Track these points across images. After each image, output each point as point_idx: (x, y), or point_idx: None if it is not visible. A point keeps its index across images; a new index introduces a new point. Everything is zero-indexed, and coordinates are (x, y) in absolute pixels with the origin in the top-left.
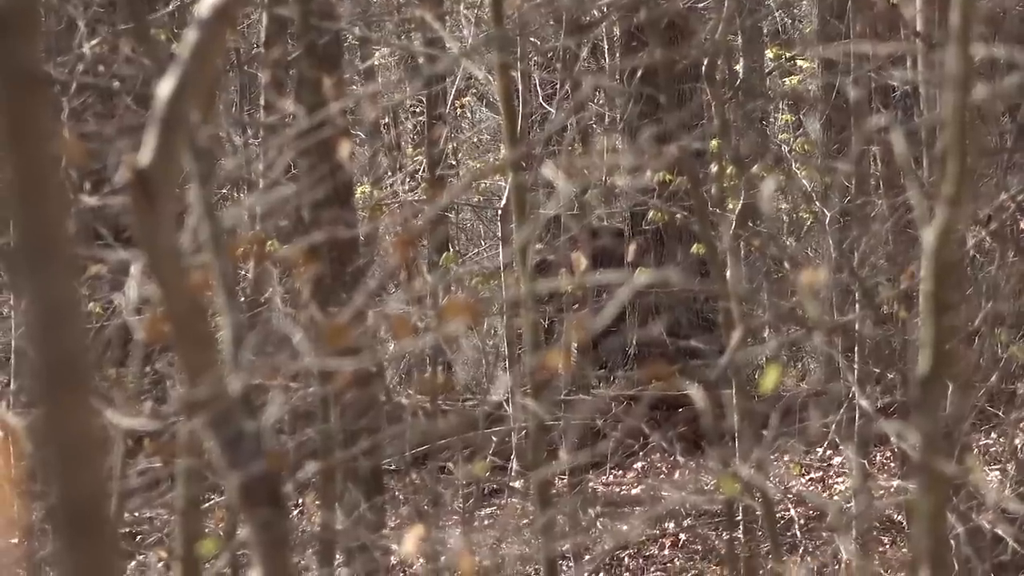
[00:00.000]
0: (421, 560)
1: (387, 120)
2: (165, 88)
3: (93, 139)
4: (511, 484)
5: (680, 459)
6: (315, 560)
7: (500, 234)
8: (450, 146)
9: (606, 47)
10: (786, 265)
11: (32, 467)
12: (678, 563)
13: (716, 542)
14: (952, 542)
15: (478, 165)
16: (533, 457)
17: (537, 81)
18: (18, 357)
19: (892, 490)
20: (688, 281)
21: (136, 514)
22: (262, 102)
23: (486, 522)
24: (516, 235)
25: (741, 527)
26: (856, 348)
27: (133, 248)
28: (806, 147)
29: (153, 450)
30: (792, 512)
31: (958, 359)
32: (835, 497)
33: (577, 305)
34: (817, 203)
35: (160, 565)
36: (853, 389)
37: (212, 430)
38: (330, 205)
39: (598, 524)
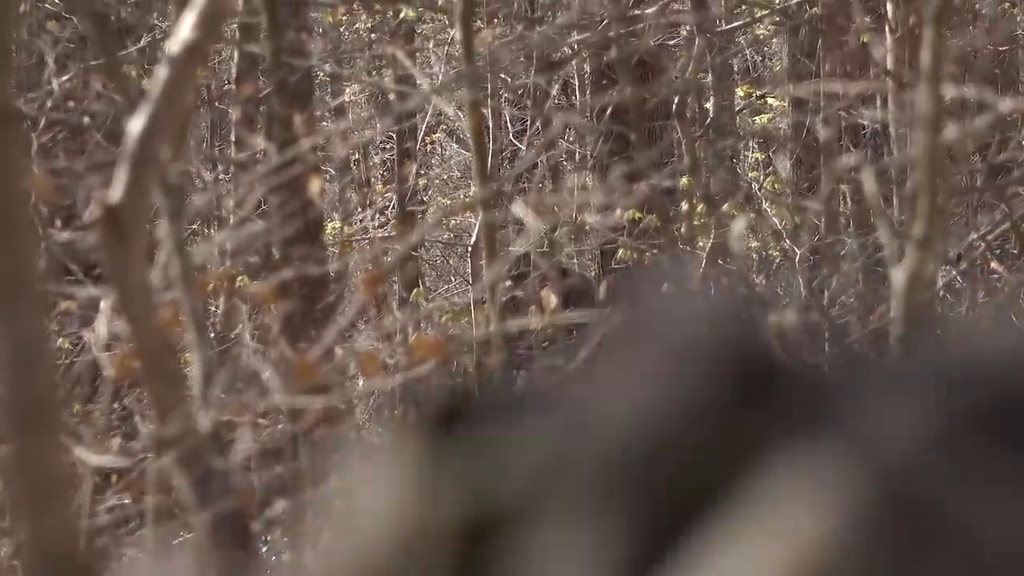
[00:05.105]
0: None
1: (357, 156)
2: (136, 125)
3: (63, 175)
4: None
5: None
6: None
7: (470, 271)
8: (420, 183)
9: (577, 84)
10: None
11: (1, 504)
12: None
13: None
14: None
15: (448, 202)
16: None
17: (507, 118)
18: None
19: None
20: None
21: (105, 552)
22: (233, 138)
23: None
24: (486, 273)
25: None
26: None
27: (103, 284)
28: (776, 185)
29: (122, 487)
30: None
31: None
32: None
33: (547, 343)
34: (787, 242)
35: None
36: None
37: (181, 467)
38: (300, 242)
39: None
